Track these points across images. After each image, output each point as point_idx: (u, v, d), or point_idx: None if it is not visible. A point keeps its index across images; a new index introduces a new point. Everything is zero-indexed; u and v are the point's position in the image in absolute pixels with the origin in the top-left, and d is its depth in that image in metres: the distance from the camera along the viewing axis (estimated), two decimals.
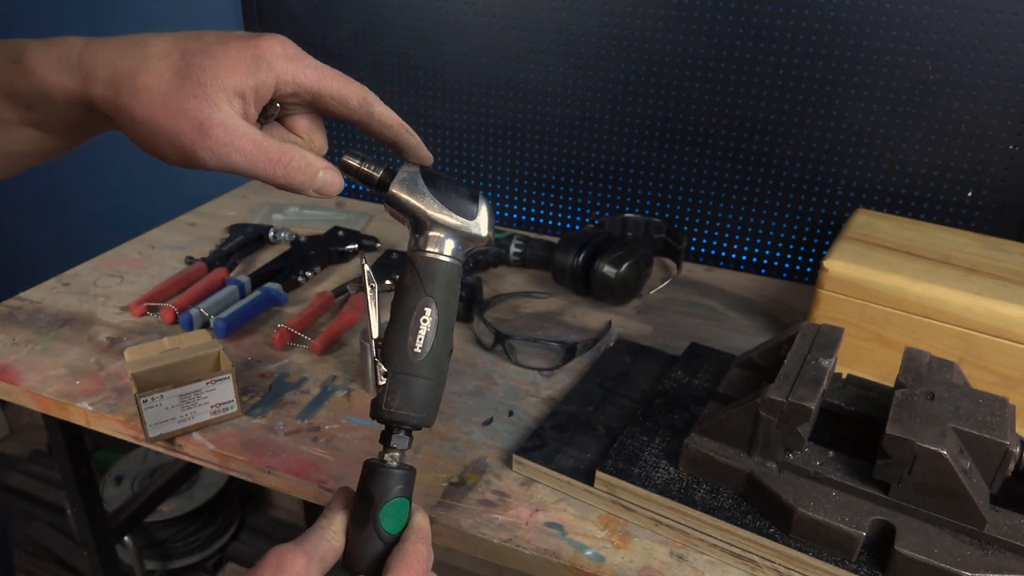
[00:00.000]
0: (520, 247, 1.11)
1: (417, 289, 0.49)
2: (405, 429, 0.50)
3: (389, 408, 0.49)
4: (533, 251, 1.11)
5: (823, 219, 1.14)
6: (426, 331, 0.49)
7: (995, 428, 0.59)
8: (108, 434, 0.82)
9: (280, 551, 0.46)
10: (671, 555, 0.65)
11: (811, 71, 1.06)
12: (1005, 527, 0.59)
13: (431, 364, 0.49)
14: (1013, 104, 0.98)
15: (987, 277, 0.83)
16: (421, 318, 0.49)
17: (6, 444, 2.08)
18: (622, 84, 1.17)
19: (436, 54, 1.26)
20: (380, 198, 0.51)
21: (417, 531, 0.50)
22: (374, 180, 0.51)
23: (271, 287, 1.01)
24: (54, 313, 1.00)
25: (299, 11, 1.32)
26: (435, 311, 0.49)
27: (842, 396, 0.69)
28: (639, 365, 0.88)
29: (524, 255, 1.12)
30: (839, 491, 0.62)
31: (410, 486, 0.50)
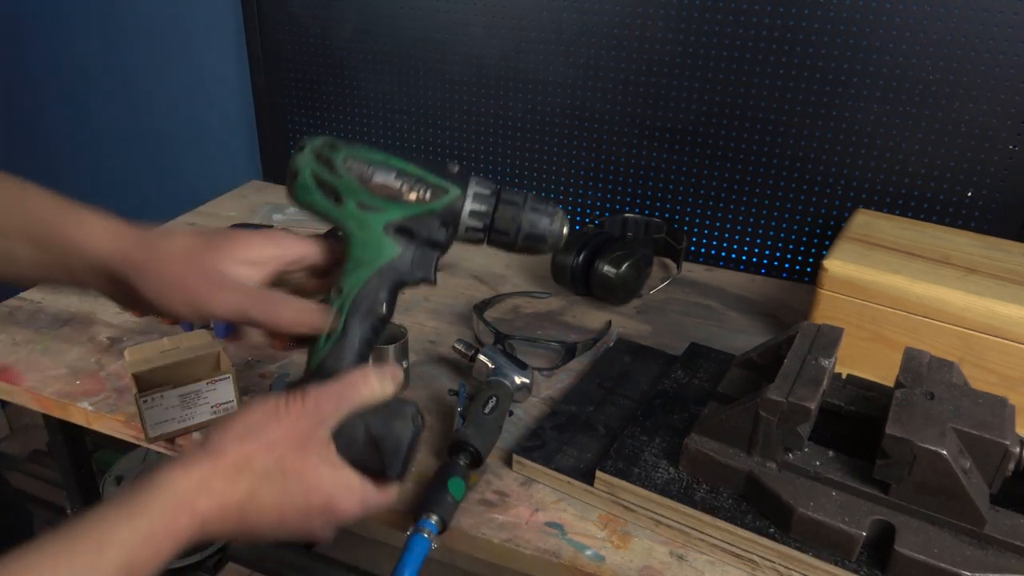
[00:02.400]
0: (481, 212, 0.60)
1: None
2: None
3: None
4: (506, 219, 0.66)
5: (823, 219, 1.14)
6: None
7: (995, 428, 0.59)
8: (108, 434, 0.82)
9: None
10: (671, 555, 0.65)
11: (811, 71, 1.06)
12: (1005, 527, 0.59)
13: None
14: (1013, 104, 0.98)
15: (987, 277, 0.83)
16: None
17: (6, 444, 2.08)
18: (622, 84, 1.17)
19: (436, 54, 1.26)
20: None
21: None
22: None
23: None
24: (54, 313, 1.00)
25: (299, 11, 1.32)
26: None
27: (842, 396, 0.69)
28: (639, 365, 0.88)
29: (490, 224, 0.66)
30: (839, 491, 0.62)
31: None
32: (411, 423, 0.53)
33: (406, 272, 0.55)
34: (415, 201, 0.55)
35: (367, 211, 0.54)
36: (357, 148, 0.55)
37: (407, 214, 0.55)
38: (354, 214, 0.55)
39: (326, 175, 0.55)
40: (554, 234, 0.57)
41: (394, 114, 1.35)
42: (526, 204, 0.56)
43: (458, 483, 0.67)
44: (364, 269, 0.54)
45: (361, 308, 0.54)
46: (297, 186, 0.55)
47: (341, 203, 0.54)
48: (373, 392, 0.51)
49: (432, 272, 0.57)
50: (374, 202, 0.54)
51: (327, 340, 0.53)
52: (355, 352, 0.53)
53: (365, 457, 0.52)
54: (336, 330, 0.53)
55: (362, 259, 0.54)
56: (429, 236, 0.55)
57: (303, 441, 0.48)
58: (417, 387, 0.87)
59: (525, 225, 0.56)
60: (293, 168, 0.55)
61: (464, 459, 0.70)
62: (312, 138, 0.56)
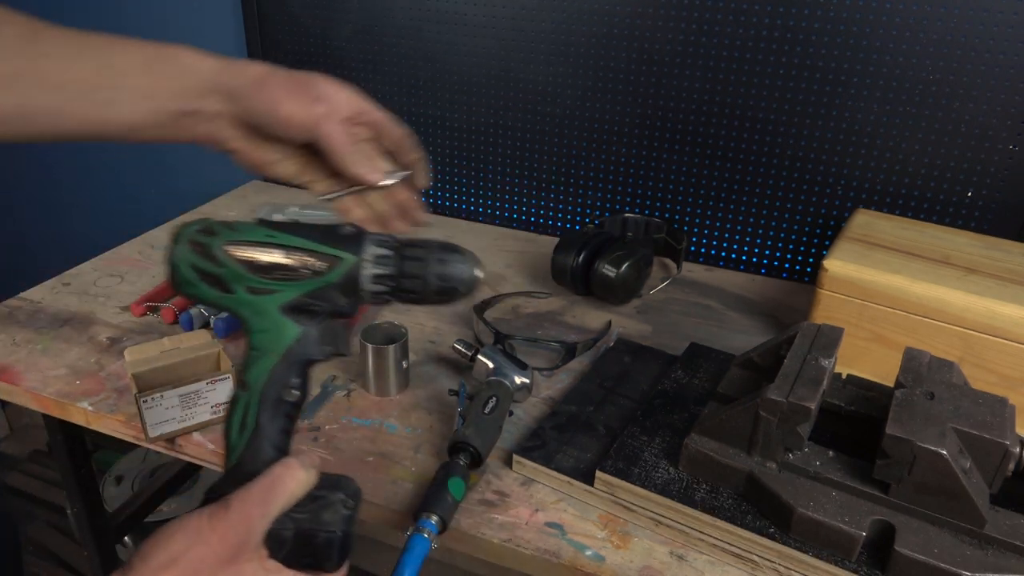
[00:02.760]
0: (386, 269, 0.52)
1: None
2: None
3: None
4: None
5: (823, 219, 1.14)
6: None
7: (995, 428, 0.59)
8: (108, 434, 0.82)
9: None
10: (671, 555, 0.65)
11: (811, 71, 1.06)
12: (1005, 527, 0.59)
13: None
14: (1013, 104, 0.98)
15: (987, 277, 0.83)
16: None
17: (6, 444, 2.08)
18: (622, 84, 1.17)
19: (436, 53, 1.26)
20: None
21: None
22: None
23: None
24: (54, 313, 1.00)
25: (299, 11, 1.32)
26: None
27: (842, 396, 0.69)
28: (639, 365, 0.88)
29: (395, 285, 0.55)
30: (839, 491, 0.62)
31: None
32: (341, 509, 0.50)
33: (313, 351, 0.51)
34: (309, 276, 0.50)
35: (259, 295, 0.50)
36: (236, 229, 0.51)
37: (303, 291, 0.50)
38: (246, 301, 0.50)
39: (207, 266, 0.50)
40: (466, 282, 0.53)
41: (394, 114, 1.34)
42: (431, 256, 0.52)
43: (458, 483, 0.67)
44: (267, 358, 0.50)
45: (270, 399, 0.50)
46: (179, 282, 0.51)
47: (230, 291, 0.50)
48: (300, 485, 0.48)
49: (343, 344, 0.53)
50: (265, 285, 0.50)
51: (240, 436, 0.49)
52: (273, 446, 0.50)
53: (298, 557, 0.48)
54: (247, 427, 0.49)
55: (263, 347, 0.50)
56: (332, 309, 0.51)
57: (232, 556, 0.45)
58: (417, 387, 0.87)
59: (433, 280, 0.52)
60: (170, 263, 0.51)
61: (464, 459, 0.70)
62: (186, 226, 0.51)
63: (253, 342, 0.50)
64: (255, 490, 0.46)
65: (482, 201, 1.36)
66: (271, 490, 0.47)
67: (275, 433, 0.50)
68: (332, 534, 0.49)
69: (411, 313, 1.02)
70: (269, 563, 0.47)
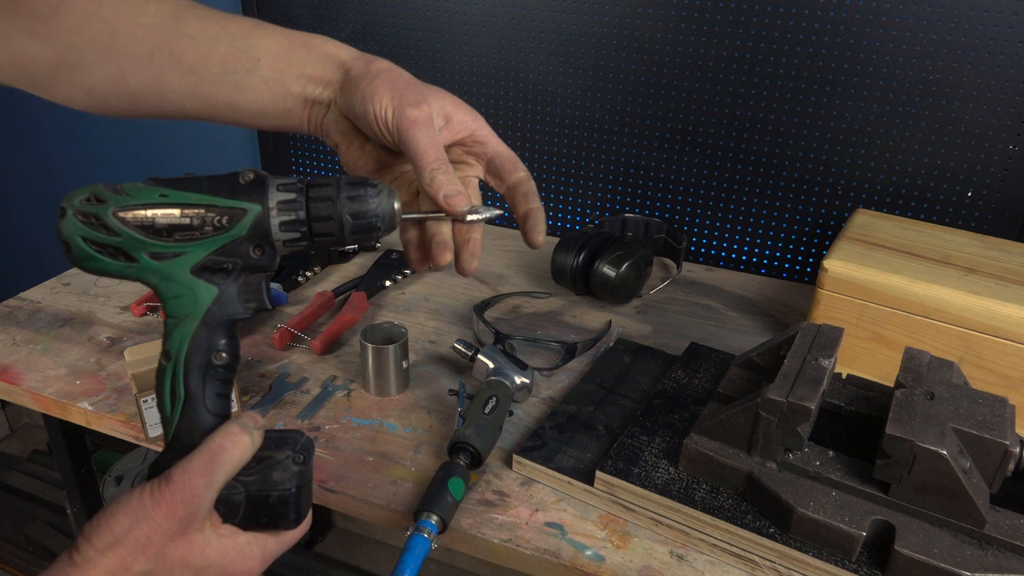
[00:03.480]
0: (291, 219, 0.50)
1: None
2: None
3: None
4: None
5: (823, 219, 1.14)
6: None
7: (995, 428, 0.59)
8: (108, 434, 0.82)
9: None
10: (671, 555, 0.65)
11: (811, 71, 1.06)
12: (1005, 527, 0.59)
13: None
14: (1013, 104, 0.98)
15: (987, 277, 0.83)
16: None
17: (6, 444, 2.08)
18: (622, 84, 1.17)
19: (436, 54, 1.26)
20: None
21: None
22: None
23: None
24: (54, 313, 1.00)
25: (299, 11, 1.32)
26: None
27: (842, 396, 0.69)
28: (639, 365, 0.88)
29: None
30: (839, 491, 0.62)
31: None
32: (291, 466, 0.49)
33: (234, 309, 0.49)
34: (213, 233, 0.47)
35: (165, 260, 0.47)
36: (126, 193, 0.47)
37: (210, 249, 0.47)
38: (152, 268, 0.47)
39: (102, 237, 0.46)
40: (384, 217, 0.49)
41: None
42: (341, 195, 0.48)
43: (458, 483, 0.67)
44: (186, 324, 0.47)
45: (196, 365, 0.48)
46: (76, 258, 0.47)
47: (133, 260, 0.47)
48: (243, 449, 0.47)
49: (264, 297, 0.50)
50: (168, 248, 0.47)
51: (172, 409, 0.48)
52: (209, 413, 0.48)
53: (253, 519, 0.48)
54: (179, 397, 0.47)
55: (180, 313, 0.48)
56: (246, 264, 0.48)
57: (180, 530, 0.44)
58: (417, 387, 0.87)
59: (347, 219, 0.48)
60: (62, 239, 0.47)
61: (464, 459, 0.70)
62: (70, 197, 0.47)
63: (168, 309, 0.48)
64: (196, 460, 0.45)
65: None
66: (213, 459, 0.46)
67: (209, 399, 0.48)
68: (285, 492, 0.48)
69: (411, 313, 1.02)
70: (223, 528, 0.47)
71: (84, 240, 0.46)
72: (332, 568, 1.67)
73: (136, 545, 0.43)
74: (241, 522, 0.48)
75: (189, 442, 0.47)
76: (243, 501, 0.48)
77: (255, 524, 0.49)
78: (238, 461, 0.47)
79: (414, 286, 1.10)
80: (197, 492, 0.45)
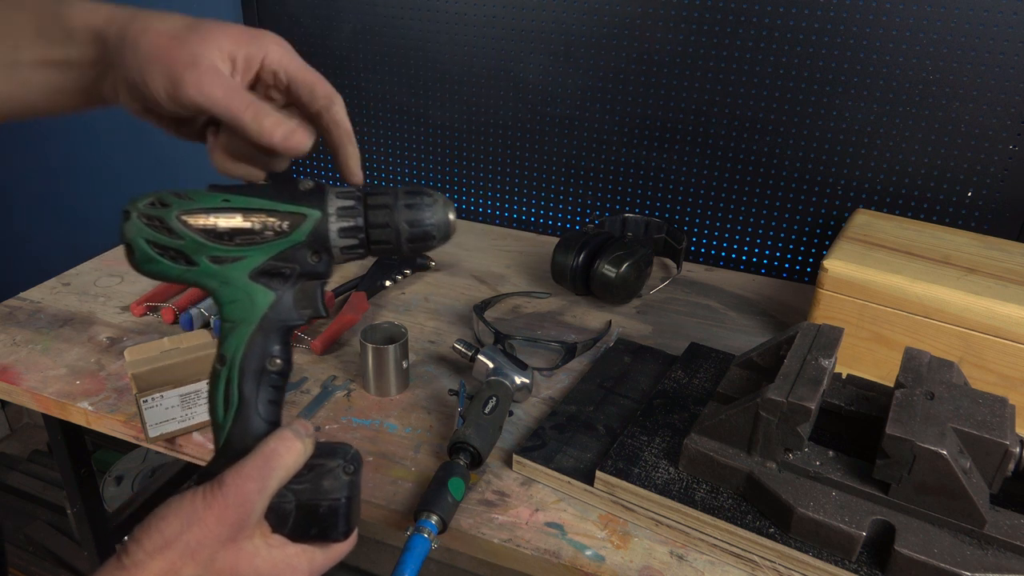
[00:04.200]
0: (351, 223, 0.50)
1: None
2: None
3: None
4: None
5: (823, 219, 1.14)
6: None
7: (995, 428, 0.59)
8: (108, 434, 0.82)
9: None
10: (671, 555, 0.65)
11: (811, 71, 1.06)
12: (1005, 527, 0.59)
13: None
14: (1013, 104, 0.98)
15: (987, 277, 0.83)
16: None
17: (6, 444, 2.08)
18: (622, 84, 1.17)
19: (436, 54, 1.26)
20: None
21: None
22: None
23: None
24: (54, 313, 1.00)
25: (299, 11, 1.32)
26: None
27: (842, 396, 0.69)
28: (639, 365, 0.88)
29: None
30: (839, 491, 0.62)
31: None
32: (342, 476, 0.49)
33: (290, 315, 0.49)
34: (273, 238, 0.47)
35: (224, 264, 0.47)
36: (189, 197, 0.47)
37: (269, 254, 0.48)
38: (212, 272, 0.48)
39: (165, 240, 0.47)
40: (440, 227, 0.49)
41: (394, 114, 1.35)
42: (398, 203, 0.49)
43: (458, 483, 0.67)
44: (242, 328, 0.48)
45: (251, 371, 0.48)
46: (137, 261, 0.48)
47: (193, 264, 0.47)
48: (296, 456, 0.46)
49: (320, 305, 0.50)
50: (228, 252, 0.47)
51: (226, 414, 0.47)
52: (262, 418, 0.48)
53: (303, 529, 0.48)
54: (232, 402, 0.47)
55: (237, 318, 0.48)
56: (303, 270, 0.48)
57: (231, 536, 0.43)
58: (417, 387, 0.87)
59: (404, 227, 0.49)
60: (125, 241, 0.48)
61: (464, 459, 0.70)
62: (134, 200, 0.48)
63: (225, 314, 0.48)
64: (250, 465, 0.45)
65: (482, 201, 1.36)
66: (266, 464, 0.45)
67: (262, 405, 0.48)
68: (336, 502, 0.48)
69: (411, 313, 1.02)
70: (273, 539, 0.46)
71: (147, 242, 0.47)
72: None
73: (186, 550, 0.42)
74: (290, 532, 0.47)
75: (241, 448, 0.47)
76: (293, 510, 0.47)
77: (304, 535, 0.48)
78: (291, 468, 0.46)
79: (414, 286, 1.10)
80: (250, 497, 0.44)
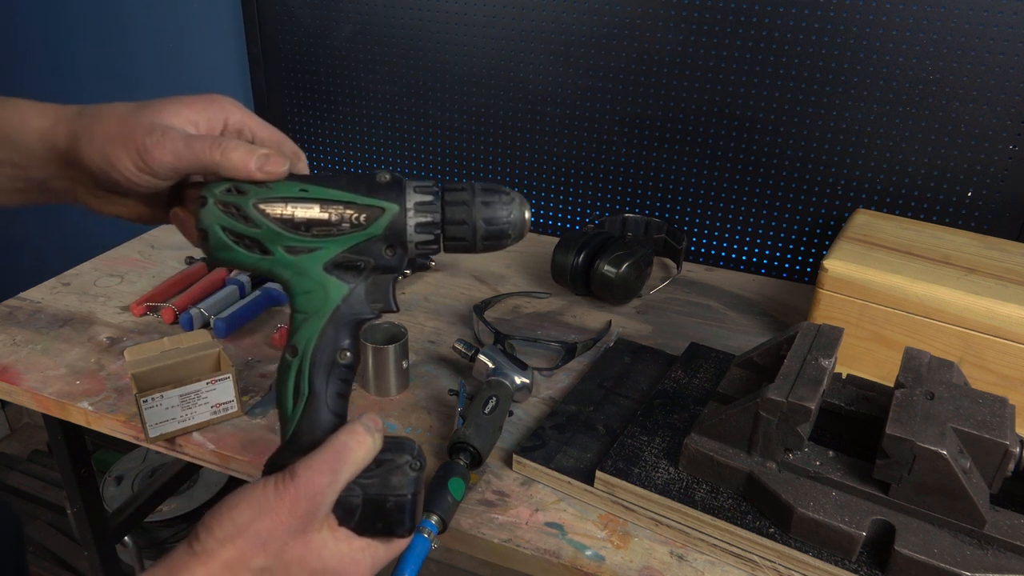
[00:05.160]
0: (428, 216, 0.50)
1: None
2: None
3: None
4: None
5: (823, 219, 1.14)
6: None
7: (995, 428, 0.59)
8: (108, 434, 0.82)
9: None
10: (671, 555, 0.65)
11: (811, 71, 1.06)
12: (1005, 527, 0.59)
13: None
14: (1013, 104, 0.98)
15: (987, 277, 0.83)
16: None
17: (6, 444, 2.08)
18: (622, 84, 1.17)
19: (436, 54, 1.26)
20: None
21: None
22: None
23: (271, 287, 1.01)
24: (54, 313, 1.00)
25: (299, 11, 1.32)
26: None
27: (842, 396, 0.69)
28: (639, 365, 0.88)
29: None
30: (839, 491, 0.62)
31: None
32: (409, 472, 0.49)
33: (362, 309, 0.49)
34: (350, 231, 0.48)
35: (299, 255, 0.48)
36: (267, 186, 0.48)
37: (345, 247, 0.48)
38: (286, 262, 0.48)
39: (241, 227, 0.47)
40: (516, 225, 0.50)
41: (394, 114, 1.35)
42: (476, 199, 0.49)
43: (458, 483, 0.67)
44: (315, 320, 0.48)
45: (322, 363, 0.48)
46: (212, 248, 0.48)
47: (268, 253, 0.48)
48: (367, 450, 0.47)
49: (391, 299, 0.50)
50: (304, 243, 0.47)
51: (295, 406, 0.48)
52: (329, 412, 0.48)
53: (369, 524, 0.48)
54: (303, 394, 0.48)
55: (309, 310, 0.48)
56: (377, 264, 0.49)
57: (301, 527, 0.44)
58: (417, 387, 0.87)
59: (481, 224, 0.49)
60: (200, 227, 0.48)
61: (464, 459, 0.70)
62: (210, 187, 0.48)
63: (297, 305, 0.48)
64: (320, 459, 0.45)
65: None
66: (337, 458, 0.45)
67: (331, 398, 0.48)
68: (402, 498, 0.48)
69: (411, 313, 1.02)
70: (340, 532, 0.46)
71: (223, 229, 0.47)
72: None
73: (257, 539, 0.42)
74: (356, 526, 0.47)
75: (308, 441, 0.47)
76: (360, 504, 0.47)
77: (370, 529, 0.48)
78: (361, 462, 0.47)
79: (414, 286, 1.10)
80: (321, 490, 0.44)
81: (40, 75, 1.67)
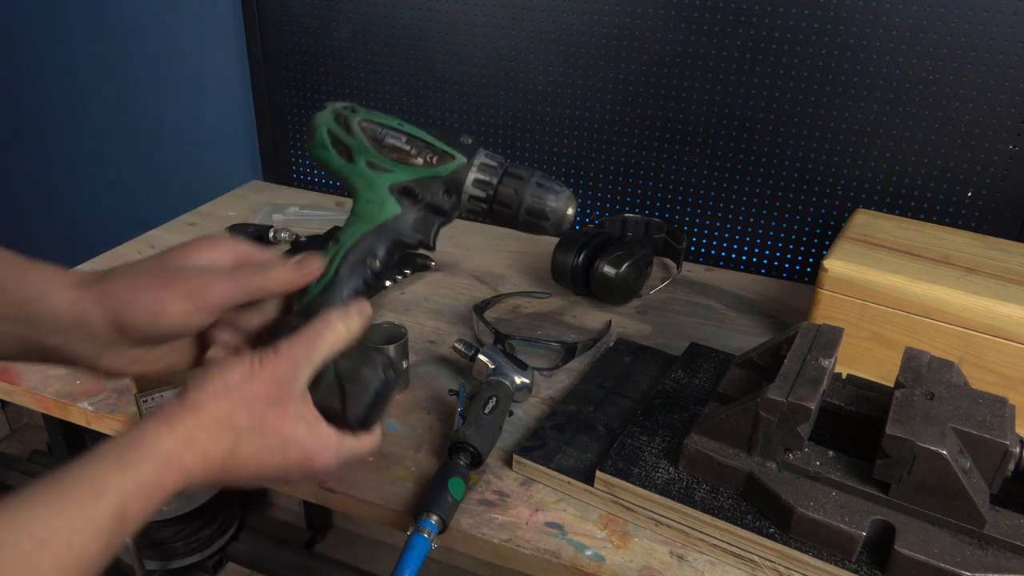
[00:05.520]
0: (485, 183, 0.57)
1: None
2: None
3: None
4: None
5: (823, 219, 1.14)
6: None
7: (995, 428, 0.59)
8: (108, 434, 0.82)
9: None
10: (671, 555, 0.65)
11: (811, 71, 1.06)
12: (1005, 527, 0.59)
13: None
14: (1013, 104, 0.98)
15: (987, 277, 0.83)
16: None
17: (6, 444, 2.08)
18: (622, 84, 1.17)
19: (436, 54, 1.26)
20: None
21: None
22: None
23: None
24: None
25: (299, 11, 1.32)
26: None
27: (842, 396, 0.69)
28: (639, 365, 0.88)
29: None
30: (839, 491, 0.62)
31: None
32: (380, 371, 0.53)
33: (406, 233, 0.56)
34: (422, 165, 0.56)
35: (375, 171, 0.56)
36: (375, 113, 0.58)
37: (412, 177, 0.56)
38: (363, 172, 0.56)
39: (341, 134, 0.57)
40: (557, 212, 0.57)
41: (394, 114, 1.34)
42: (532, 179, 0.57)
43: (458, 483, 0.67)
44: (364, 223, 0.55)
45: (354, 257, 0.54)
46: (314, 143, 0.58)
47: (352, 161, 0.57)
48: (339, 336, 0.51)
49: (431, 237, 0.58)
50: (383, 163, 0.56)
51: (318, 283, 0.54)
52: (342, 299, 0.53)
53: (330, 398, 0.52)
54: (328, 275, 0.54)
55: (364, 214, 0.56)
56: (432, 201, 0.56)
57: (280, 397, 0.48)
58: (417, 387, 0.87)
59: (528, 199, 0.57)
60: (312, 125, 0.58)
61: (464, 459, 0.70)
62: (335, 101, 0.59)
63: (357, 209, 0.56)
64: (302, 337, 0.50)
65: None
66: (315, 338, 0.50)
67: (348, 291, 0.54)
68: (366, 387, 0.52)
69: (411, 313, 1.02)
70: (311, 412, 0.50)
71: (328, 132, 0.58)
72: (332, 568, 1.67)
73: (242, 400, 0.47)
74: (319, 399, 0.51)
75: (316, 314, 0.52)
76: (331, 378, 0.52)
77: (328, 405, 0.51)
78: (335, 344, 0.51)
79: (414, 286, 1.10)
80: (298, 364, 0.49)
81: (38, 73, 1.67)
